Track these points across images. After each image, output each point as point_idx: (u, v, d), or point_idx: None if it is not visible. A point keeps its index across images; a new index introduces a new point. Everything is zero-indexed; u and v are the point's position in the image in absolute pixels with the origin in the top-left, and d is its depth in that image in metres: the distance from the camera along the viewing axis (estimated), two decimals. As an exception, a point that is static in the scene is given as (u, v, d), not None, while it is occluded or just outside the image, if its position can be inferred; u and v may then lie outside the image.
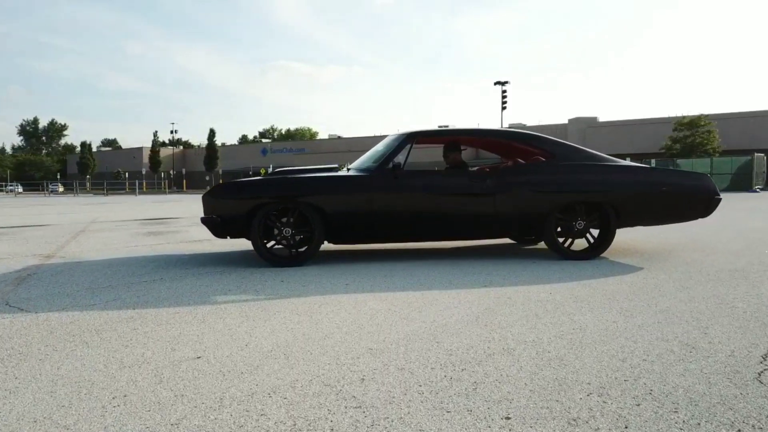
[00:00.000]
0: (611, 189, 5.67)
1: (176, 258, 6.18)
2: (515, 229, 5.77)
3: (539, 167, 5.79)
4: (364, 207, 5.48)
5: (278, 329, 3.19)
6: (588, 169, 5.75)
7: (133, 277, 4.98)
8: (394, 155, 5.72)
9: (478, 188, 5.61)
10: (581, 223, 5.76)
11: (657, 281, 4.55)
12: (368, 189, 5.49)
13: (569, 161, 5.79)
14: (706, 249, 6.48)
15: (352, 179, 5.59)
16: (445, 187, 5.64)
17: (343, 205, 5.46)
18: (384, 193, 5.52)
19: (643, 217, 5.85)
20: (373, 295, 4.08)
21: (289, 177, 5.58)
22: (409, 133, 5.90)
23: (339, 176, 5.64)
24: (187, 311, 3.65)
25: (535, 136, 6.02)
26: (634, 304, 3.74)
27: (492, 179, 5.65)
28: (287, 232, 5.48)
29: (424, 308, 3.66)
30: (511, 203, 5.62)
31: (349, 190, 5.50)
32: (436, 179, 5.74)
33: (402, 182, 5.56)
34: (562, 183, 5.67)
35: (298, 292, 4.25)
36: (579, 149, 5.94)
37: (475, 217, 5.63)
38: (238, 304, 3.83)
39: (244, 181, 5.58)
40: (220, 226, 5.46)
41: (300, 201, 5.42)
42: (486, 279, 4.70)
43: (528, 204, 5.64)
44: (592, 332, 3.06)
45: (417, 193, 5.58)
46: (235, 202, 5.45)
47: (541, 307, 3.67)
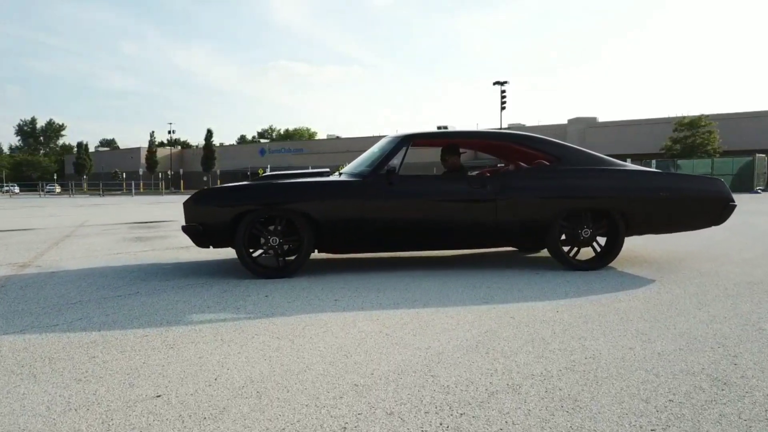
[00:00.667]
0: (620, 195, 5.32)
1: (158, 267, 5.83)
2: (517, 238, 5.43)
3: (543, 171, 5.44)
4: (357, 214, 5.13)
5: (254, 358, 2.84)
6: (595, 173, 5.40)
7: (108, 290, 4.63)
8: (389, 159, 5.38)
9: (477, 194, 5.27)
10: (587, 231, 5.42)
11: (672, 297, 4.20)
12: (361, 195, 5.15)
13: (575, 165, 5.45)
14: (718, 257, 6.13)
15: (344, 185, 5.24)
16: (442, 193, 5.29)
17: (333, 212, 5.11)
18: (377, 199, 5.17)
19: (653, 225, 5.50)
20: (363, 314, 3.73)
21: (276, 183, 5.23)
22: (405, 136, 5.55)
23: (329, 182, 5.29)
24: (157, 334, 3.29)
25: (538, 138, 5.67)
26: (651, 325, 3.39)
27: (492, 184, 5.31)
28: (274, 241, 5.13)
29: (418, 330, 3.31)
30: (513, 210, 5.27)
31: (340, 197, 5.15)
32: (432, 185, 5.40)
33: (397, 188, 5.22)
34: (568, 188, 5.32)
35: (282, 309, 3.90)
36: (585, 152, 5.59)
37: (474, 224, 5.28)
38: (214, 325, 3.48)
39: (228, 187, 5.23)
40: (202, 235, 5.10)
41: (288, 208, 5.07)
42: (486, 294, 4.35)
43: (531, 211, 5.29)
44: (607, 362, 2.71)
45: (412, 200, 5.23)
46: (218, 209, 5.09)
47: (547, 328, 3.33)
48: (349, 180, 5.28)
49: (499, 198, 5.26)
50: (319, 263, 5.98)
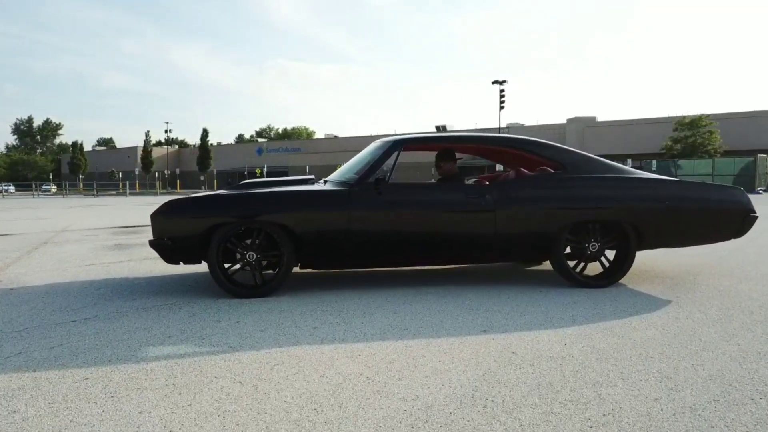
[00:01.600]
0: (631, 205, 4.86)
1: (128, 283, 5.35)
2: (519, 252, 4.96)
3: (547, 180, 4.97)
4: (342, 227, 4.66)
5: (206, 412, 2.37)
6: (604, 182, 4.94)
7: (63, 313, 4.16)
8: (378, 166, 4.91)
9: (475, 204, 4.80)
10: (595, 245, 4.95)
11: (693, 324, 3.73)
12: (346, 206, 4.67)
13: (582, 173, 4.98)
14: (735, 272, 5.67)
15: (328, 195, 4.76)
16: (436, 204, 4.82)
17: (316, 225, 4.64)
18: (365, 210, 4.70)
19: (668, 238, 5.04)
20: (343, 348, 3.25)
21: (252, 192, 4.76)
22: (396, 141, 5.08)
23: (312, 191, 4.82)
24: (100, 376, 2.82)
25: (543, 143, 5.20)
26: (675, 365, 2.92)
27: (492, 194, 4.84)
28: (251, 256, 4.66)
29: (405, 372, 2.84)
30: (514, 222, 4.80)
31: (323, 208, 4.68)
32: (426, 194, 4.92)
33: (386, 198, 4.75)
34: (574, 198, 4.85)
35: (253, 340, 3.42)
36: (593, 159, 5.13)
37: (472, 238, 4.82)
38: (170, 363, 3.01)
39: (200, 198, 4.75)
40: (171, 250, 4.63)
41: (265, 220, 4.60)
42: (485, 320, 3.88)
43: (534, 223, 4.82)
44: (630, 421, 2.25)
45: (404, 211, 4.76)
46: (188, 221, 4.61)
47: (556, 369, 2.86)
48: (334, 189, 4.81)
49: (499, 208, 4.79)
50: (303, 279, 5.51)
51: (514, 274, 5.66)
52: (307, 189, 4.86)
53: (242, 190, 4.97)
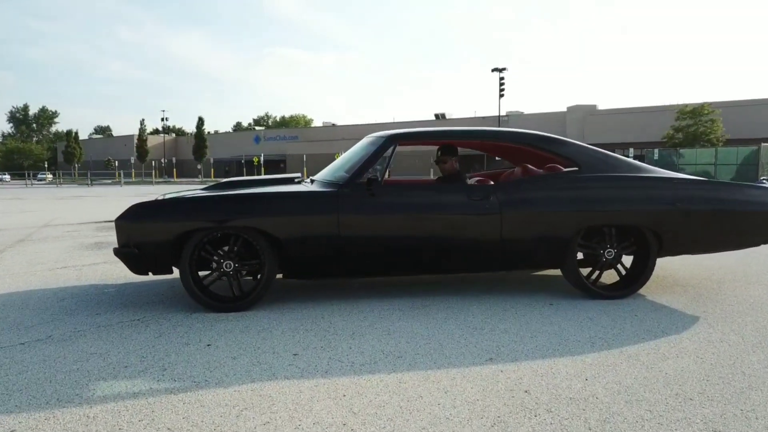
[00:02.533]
0: (652, 208, 4.36)
1: (97, 292, 4.86)
2: (527, 260, 4.47)
3: (559, 179, 4.47)
4: (330, 233, 4.16)
5: (146, 489, 1.88)
6: (621, 182, 4.44)
7: (14, 332, 3.67)
8: (371, 164, 4.41)
9: (478, 207, 4.30)
10: (611, 252, 4.47)
11: (730, 349, 3.25)
12: (334, 209, 4.18)
13: (597, 172, 4.48)
14: (762, 279, 5.19)
15: (313, 196, 4.26)
16: (435, 206, 4.32)
17: (300, 230, 4.15)
18: (356, 214, 4.20)
19: (692, 244, 4.55)
20: (326, 385, 2.77)
21: (228, 194, 4.25)
22: (390, 135, 4.57)
23: (295, 193, 4.31)
24: (30, 428, 2.33)
25: (553, 138, 4.69)
26: (721, 410, 2.44)
27: (497, 195, 4.34)
28: (228, 266, 4.17)
29: (398, 421, 2.36)
30: (521, 226, 4.31)
31: (309, 211, 4.18)
32: (423, 195, 4.41)
33: (379, 200, 4.25)
34: (589, 200, 4.36)
35: (221, 372, 2.94)
36: (609, 156, 4.63)
37: (475, 244, 4.33)
38: (118, 407, 2.53)
39: (170, 200, 4.25)
40: (137, 260, 4.13)
41: (244, 226, 4.10)
42: (491, 342, 3.40)
43: (544, 227, 4.33)
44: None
45: (399, 215, 4.26)
46: (157, 227, 4.11)
47: (579, 417, 2.38)
48: (321, 190, 4.31)
49: (505, 211, 4.30)
50: (288, 287, 5.02)
51: (521, 283, 5.17)
52: (291, 190, 4.36)
53: (219, 191, 4.47)
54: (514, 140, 4.76)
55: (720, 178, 36.31)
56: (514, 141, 4.77)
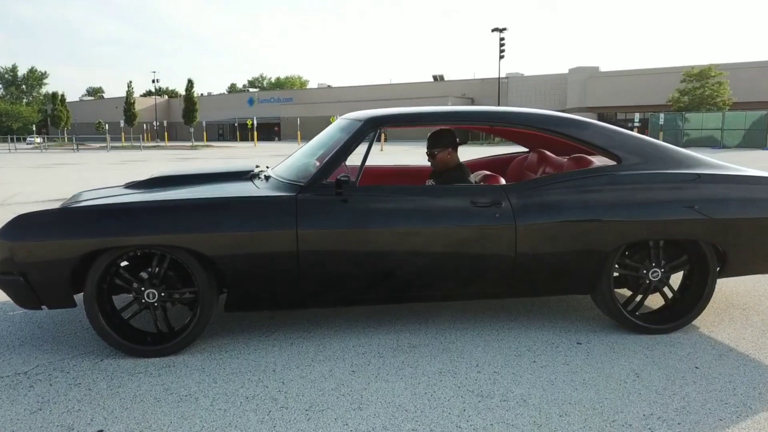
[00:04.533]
0: (715, 216, 3.29)
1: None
2: (548, 284, 3.41)
3: (594, 178, 3.37)
4: (286, 251, 3.10)
5: None
6: (677, 181, 3.36)
7: None
8: (342, 158, 3.30)
9: (486, 216, 3.23)
10: (657, 272, 3.42)
11: None
12: (292, 220, 3.10)
13: (643, 168, 3.39)
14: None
15: (264, 203, 3.17)
16: (427, 216, 3.23)
17: (244, 249, 3.08)
18: (320, 226, 3.13)
19: (765, 262, 3.49)
20: None
21: (149, 201, 3.16)
22: (368, 119, 3.43)
23: (240, 199, 3.20)
24: None
25: (586, 124, 3.56)
26: None
27: (510, 198, 3.26)
28: (150, 295, 3.11)
29: None
30: (542, 241, 3.25)
31: (257, 224, 3.10)
32: (412, 200, 3.31)
33: (353, 207, 3.17)
34: (634, 205, 3.28)
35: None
36: (659, 147, 3.53)
37: (479, 266, 3.27)
38: None
39: (67, 210, 3.14)
40: (24, 290, 3.06)
41: (167, 244, 3.03)
42: (502, 412, 2.37)
43: (572, 242, 3.27)
44: None
45: (379, 227, 3.18)
46: (50, 247, 3.02)
47: None
48: (274, 195, 3.21)
49: (522, 221, 3.23)
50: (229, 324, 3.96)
51: (534, 307, 4.12)
52: (232, 195, 3.24)
53: (141, 193, 3.39)
54: (531, 125, 3.59)
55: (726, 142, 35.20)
56: (530, 126, 3.60)
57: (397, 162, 16.07)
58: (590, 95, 54.14)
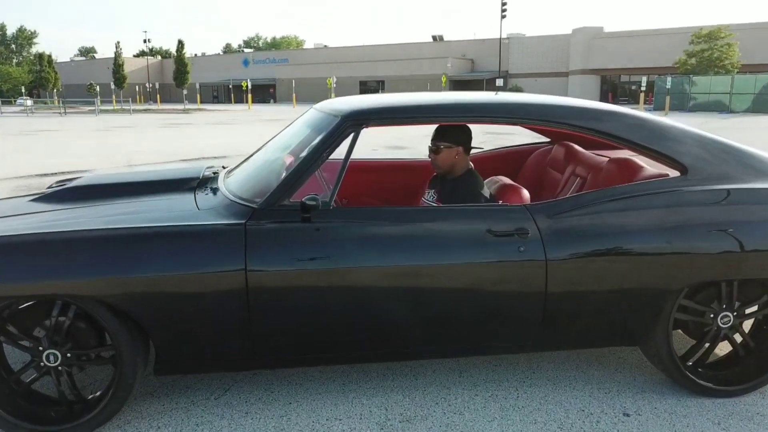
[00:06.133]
0: (810, 248, 2.46)
1: None
2: (585, 336, 2.59)
3: (650, 196, 2.50)
4: (231, 299, 2.26)
5: None
6: (759, 200, 2.51)
7: None
8: (310, 169, 2.43)
9: (506, 248, 2.38)
10: (728, 317, 2.59)
11: None
12: (239, 257, 2.25)
13: (717, 181, 2.54)
14: None
15: (200, 234, 2.30)
16: (429, 248, 2.38)
17: (174, 297, 2.24)
18: (278, 266, 2.29)
19: None
20: None
21: (35, 234, 2.29)
22: (349, 114, 2.53)
23: (166, 230, 2.32)
24: None
25: (639, 120, 2.66)
26: None
27: (539, 222, 2.41)
28: (51, 358, 2.29)
29: None
30: (581, 281, 2.42)
31: (188, 262, 2.25)
32: (407, 228, 2.43)
33: (326, 237, 2.32)
34: (705, 234, 2.44)
35: None
36: (736, 152, 2.66)
37: (497, 314, 2.45)
38: None
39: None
40: None
41: (69, 292, 2.19)
42: None
43: (620, 281, 2.44)
44: None
45: (362, 268, 2.33)
46: None
47: None
48: (214, 224, 2.34)
49: (553, 253, 2.39)
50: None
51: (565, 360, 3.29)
52: (152, 225, 2.35)
53: (41, 213, 2.53)
54: (560, 120, 2.63)
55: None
56: (559, 123, 2.63)
57: (391, 148, 15.06)
58: (594, 57, 52.56)
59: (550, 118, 2.67)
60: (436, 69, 57.43)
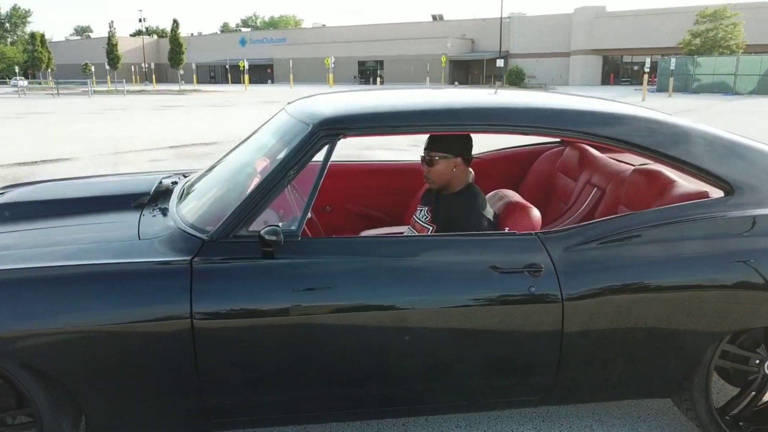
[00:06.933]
0: None
1: None
2: (608, 388, 2.15)
3: (689, 222, 2.05)
4: (174, 353, 1.83)
5: None
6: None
7: None
8: (274, 192, 1.97)
9: (514, 287, 1.95)
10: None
11: None
12: (183, 302, 1.82)
13: (765, 203, 2.09)
14: None
15: (131, 275, 1.86)
16: (418, 288, 1.94)
17: (102, 352, 1.81)
18: (233, 313, 1.84)
19: None
20: None
21: None
22: (322, 121, 2.05)
23: (83, 270, 1.86)
24: None
25: (682, 131, 2.19)
26: None
27: (552, 253, 1.97)
28: (-44, 425, 1.87)
29: None
30: (604, 325, 1.98)
31: (117, 310, 1.81)
32: (392, 263, 1.98)
33: (292, 275, 1.88)
34: (756, 269, 2.00)
35: None
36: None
37: (501, 365, 2.02)
38: None
39: None
40: None
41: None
42: None
43: (652, 324, 2.00)
44: None
45: (336, 315, 1.90)
46: None
47: None
48: (145, 261, 1.89)
49: (570, 290, 1.95)
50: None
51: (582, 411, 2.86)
52: (68, 264, 1.88)
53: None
54: (573, 129, 2.16)
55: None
56: (570, 130, 2.17)
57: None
58: (596, 37, 51.68)
59: (574, 129, 2.16)
60: (436, 49, 56.56)
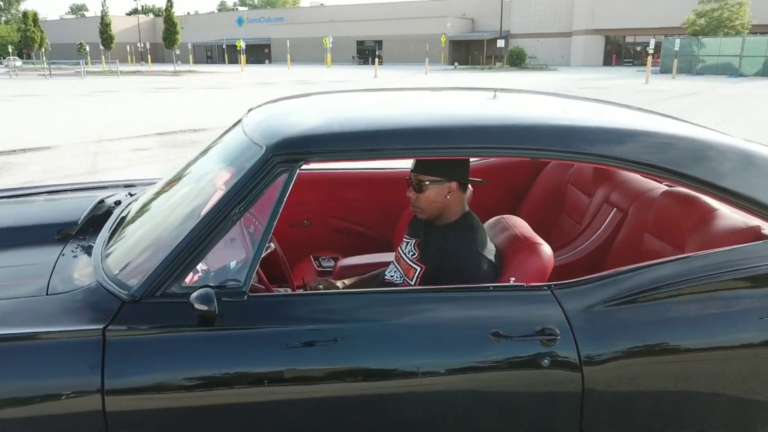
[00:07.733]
0: None
1: None
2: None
3: (739, 270, 1.63)
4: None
5: None
6: None
7: None
8: (216, 236, 1.54)
9: (521, 356, 1.53)
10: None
11: None
12: (92, 388, 1.40)
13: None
14: None
15: (21, 350, 1.43)
16: (402, 354, 1.53)
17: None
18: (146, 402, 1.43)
19: None
20: None
21: None
22: (276, 144, 1.59)
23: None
24: None
25: (726, 150, 1.76)
26: None
27: (567, 311, 1.55)
28: None
29: None
30: (632, 399, 1.57)
31: (19, 387, 1.40)
32: (367, 327, 1.54)
33: (240, 345, 1.46)
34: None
35: None
36: None
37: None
38: None
39: None
40: None
41: None
42: None
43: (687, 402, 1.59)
44: None
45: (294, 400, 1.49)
46: None
47: None
48: (43, 332, 1.46)
49: (592, 358, 1.53)
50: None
51: None
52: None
53: None
54: (618, 158, 1.69)
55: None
56: (600, 157, 1.71)
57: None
58: (599, 17, 50.78)
59: (600, 154, 1.73)
60: (436, 29, 55.69)
